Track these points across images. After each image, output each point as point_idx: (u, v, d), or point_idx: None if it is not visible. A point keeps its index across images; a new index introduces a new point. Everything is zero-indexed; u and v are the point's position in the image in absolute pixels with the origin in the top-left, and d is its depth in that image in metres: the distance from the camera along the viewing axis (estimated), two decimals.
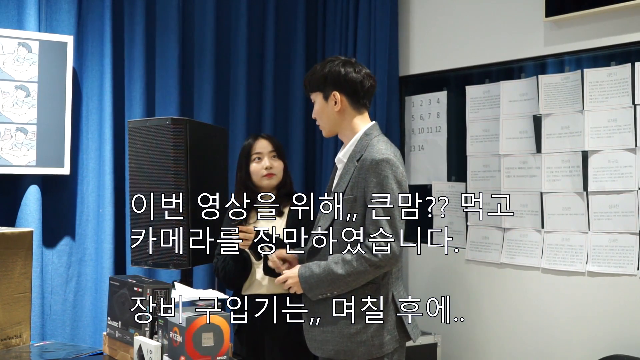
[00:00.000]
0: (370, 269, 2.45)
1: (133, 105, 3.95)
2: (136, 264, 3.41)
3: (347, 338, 2.51)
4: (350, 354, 2.52)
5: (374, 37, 4.17)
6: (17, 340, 2.73)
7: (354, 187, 2.53)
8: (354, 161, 2.57)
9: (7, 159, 3.55)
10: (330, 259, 2.51)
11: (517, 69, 3.64)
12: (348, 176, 2.56)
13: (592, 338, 3.25)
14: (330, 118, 2.64)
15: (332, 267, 2.48)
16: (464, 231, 3.83)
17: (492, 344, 3.69)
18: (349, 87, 2.60)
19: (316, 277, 2.51)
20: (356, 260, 2.45)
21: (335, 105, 2.61)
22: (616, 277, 3.17)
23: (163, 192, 3.27)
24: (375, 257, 2.43)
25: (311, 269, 2.54)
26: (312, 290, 2.53)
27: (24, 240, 2.79)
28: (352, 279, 2.47)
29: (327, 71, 2.61)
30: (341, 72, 2.60)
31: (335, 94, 2.60)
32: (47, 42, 3.65)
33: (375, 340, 2.51)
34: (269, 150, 3.10)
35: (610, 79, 3.21)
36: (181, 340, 2.22)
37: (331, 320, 2.54)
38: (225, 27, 4.30)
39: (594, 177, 3.24)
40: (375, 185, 2.47)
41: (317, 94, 2.65)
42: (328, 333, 2.54)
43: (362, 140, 2.60)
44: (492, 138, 3.69)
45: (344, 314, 2.52)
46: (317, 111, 2.67)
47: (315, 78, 2.64)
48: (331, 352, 2.55)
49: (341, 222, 2.54)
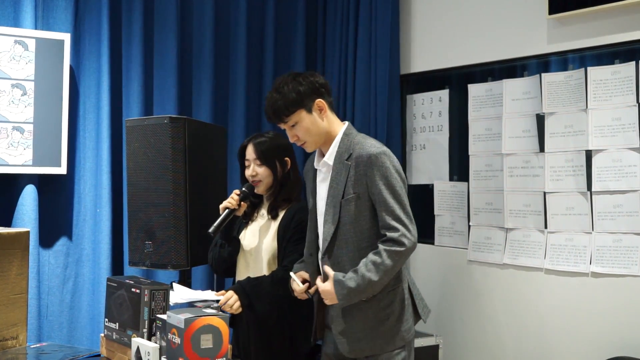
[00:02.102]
0: (401, 260, 2.57)
1: (131, 103, 3.93)
2: (134, 265, 3.40)
3: (379, 331, 2.63)
4: (384, 346, 2.64)
5: (375, 35, 4.15)
6: (13, 341, 2.71)
7: (355, 185, 2.60)
8: (343, 161, 2.64)
9: (3, 158, 3.52)
10: (362, 268, 2.56)
11: (520, 67, 3.61)
12: (342, 176, 2.63)
13: (596, 339, 3.22)
14: (319, 128, 2.69)
15: (368, 275, 2.55)
16: (466, 231, 3.80)
17: (494, 345, 3.66)
18: (325, 90, 2.70)
19: (355, 290, 2.55)
20: (387, 257, 2.53)
21: (322, 113, 2.68)
22: (620, 278, 3.14)
23: (161, 191, 3.26)
24: (403, 247, 2.54)
25: (347, 286, 2.57)
26: (350, 302, 2.61)
27: (20, 241, 2.76)
28: (387, 277, 2.57)
29: (300, 87, 2.64)
30: (312, 81, 2.66)
31: (319, 101, 2.66)
32: (44, 40, 3.63)
33: (403, 327, 2.65)
34: (254, 157, 3.06)
35: (614, 77, 3.18)
36: (179, 342, 2.20)
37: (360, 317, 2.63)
38: (224, 25, 4.29)
39: (597, 176, 3.22)
40: (380, 178, 2.56)
41: (298, 112, 2.65)
42: (359, 331, 2.64)
43: (344, 141, 2.68)
44: (495, 137, 3.67)
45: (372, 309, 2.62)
46: (304, 128, 2.67)
47: (290, 98, 2.63)
48: (365, 350, 2.64)
49: (349, 222, 2.62)
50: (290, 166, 3.10)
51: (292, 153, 3.13)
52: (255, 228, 3.10)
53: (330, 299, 2.62)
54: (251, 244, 3.08)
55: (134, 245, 3.38)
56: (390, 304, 2.64)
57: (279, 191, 3.08)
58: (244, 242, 3.10)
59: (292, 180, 3.10)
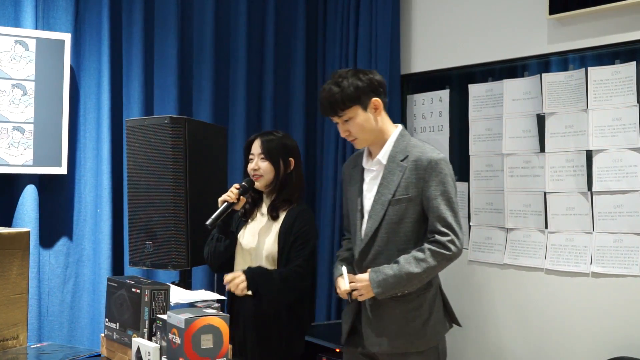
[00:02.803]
0: (444, 263, 2.59)
1: (131, 103, 3.92)
2: (134, 265, 3.39)
3: (405, 331, 2.64)
4: (408, 346, 2.65)
5: (375, 35, 4.15)
6: (13, 341, 2.70)
7: (409, 187, 2.62)
8: (397, 162, 2.66)
9: (3, 158, 3.52)
10: (402, 260, 2.60)
11: (521, 67, 3.61)
12: (396, 177, 2.65)
13: (597, 340, 3.22)
14: (373, 127, 2.70)
15: (407, 267, 2.57)
16: (467, 231, 3.80)
17: (495, 345, 3.66)
18: (382, 90, 2.71)
19: (391, 278, 2.58)
20: (431, 256, 2.56)
21: (377, 112, 2.69)
22: (621, 278, 3.14)
23: (161, 191, 3.26)
24: (449, 251, 2.57)
25: (384, 272, 2.61)
26: (384, 293, 2.61)
27: (20, 241, 2.76)
28: (426, 275, 2.59)
29: (359, 82, 2.64)
30: (372, 79, 2.68)
31: (376, 99, 2.67)
32: (44, 40, 3.62)
33: (431, 330, 2.66)
34: (259, 152, 3.07)
35: (614, 77, 3.18)
36: (180, 342, 2.20)
37: (388, 314, 2.65)
38: (224, 25, 4.28)
39: (598, 176, 3.22)
40: (438, 184, 2.59)
41: (354, 108, 2.66)
42: (385, 328, 2.65)
43: (400, 142, 2.71)
44: (495, 137, 3.66)
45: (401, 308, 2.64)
46: (358, 125, 2.67)
47: (347, 93, 2.63)
48: (388, 348, 2.65)
49: (394, 222, 2.64)
50: (294, 168, 3.10)
51: (297, 155, 3.14)
52: (255, 228, 3.10)
53: (365, 290, 2.63)
54: (250, 243, 3.07)
55: (134, 245, 3.38)
56: (419, 307, 2.65)
57: (279, 190, 3.07)
58: (243, 241, 3.09)
59: (294, 181, 3.10)
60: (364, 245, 2.70)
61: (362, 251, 2.70)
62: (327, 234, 4.32)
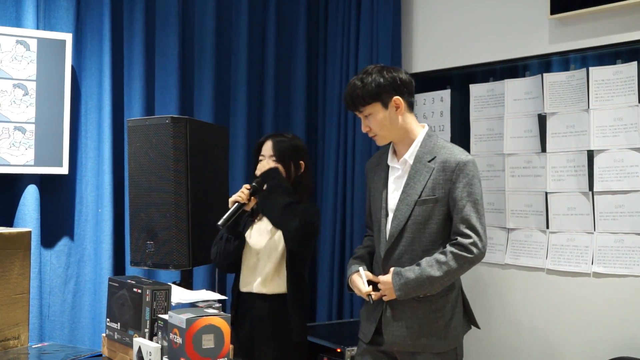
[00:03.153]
0: (466, 266, 2.58)
1: (132, 103, 3.92)
2: (136, 265, 3.39)
3: (426, 332, 2.63)
4: (428, 347, 2.64)
5: (377, 35, 4.15)
6: (15, 341, 2.70)
7: (436, 188, 2.62)
8: (424, 162, 2.65)
9: (5, 158, 3.52)
10: (423, 263, 2.59)
11: (522, 67, 3.61)
12: (422, 177, 2.64)
13: (598, 340, 3.22)
14: (392, 125, 2.69)
15: (428, 270, 2.57)
16: None
17: (496, 345, 3.66)
18: (406, 89, 2.70)
19: (413, 282, 2.58)
20: (452, 259, 2.55)
21: (397, 110, 2.68)
22: (622, 278, 3.14)
23: (163, 191, 3.25)
24: (471, 254, 2.55)
25: (405, 275, 2.61)
26: (406, 295, 2.61)
27: (22, 241, 2.76)
28: (448, 279, 2.58)
29: (381, 79, 2.65)
30: (395, 77, 2.67)
31: (397, 99, 2.67)
32: (46, 40, 3.62)
33: (452, 332, 2.66)
34: (270, 154, 3.08)
35: (616, 77, 3.18)
36: (181, 342, 2.20)
37: (409, 314, 2.65)
38: (225, 25, 4.28)
39: (599, 176, 3.21)
40: (465, 185, 2.59)
41: (375, 105, 2.67)
42: (406, 327, 2.65)
43: (427, 142, 2.70)
44: (496, 137, 3.66)
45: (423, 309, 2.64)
46: (377, 121, 2.68)
47: (368, 90, 2.65)
48: (409, 347, 2.65)
49: (420, 222, 2.63)
50: (304, 170, 3.12)
51: (307, 157, 3.16)
52: (263, 227, 3.11)
53: (388, 291, 2.64)
54: (258, 242, 3.08)
55: (135, 245, 3.38)
56: (442, 308, 2.64)
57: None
58: (250, 240, 3.10)
59: (303, 183, 3.12)
60: (389, 246, 2.69)
61: (387, 251, 2.69)
62: (328, 234, 4.32)
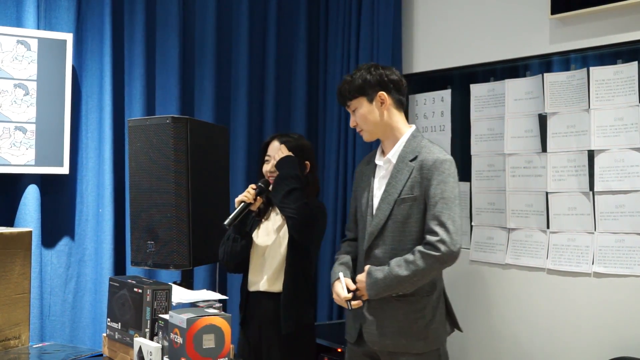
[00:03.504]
0: (436, 265, 2.56)
1: (133, 103, 3.93)
2: (136, 265, 3.40)
3: (406, 332, 2.63)
4: (409, 348, 2.64)
5: (377, 34, 4.15)
6: (15, 341, 2.70)
7: (414, 187, 2.63)
8: (406, 161, 2.68)
9: (5, 158, 3.52)
10: (392, 262, 2.60)
11: (522, 67, 3.61)
12: (403, 176, 2.67)
13: (599, 340, 3.22)
14: (377, 120, 2.73)
15: (396, 270, 2.57)
16: (469, 232, 3.80)
17: (496, 345, 3.66)
18: (393, 85, 2.73)
19: (381, 282, 2.59)
20: (420, 258, 2.54)
21: (382, 106, 2.72)
22: (623, 278, 3.13)
23: (163, 191, 3.26)
24: (438, 252, 2.54)
25: (375, 275, 2.62)
26: (377, 294, 2.62)
27: (22, 241, 2.77)
28: (417, 278, 2.57)
29: (368, 76, 2.71)
30: (382, 74, 2.72)
31: (382, 94, 2.71)
32: (46, 40, 3.63)
33: (432, 333, 2.65)
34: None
35: (616, 77, 3.17)
36: (182, 341, 2.20)
37: (390, 314, 2.65)
38: (226, 24, 4.28)
39: (600, 176, 3.21)
40: (438, 183, 2.59)
41: (360, 99, 2.73)
42: (386, 327, 2.65)
43: (411, 142, 2.73)
44: (497, 137, 3.66)
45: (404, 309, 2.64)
46: (361, 116, 2.73)
47: (356, 85, 2.72)
48: (389, 346, 2.66)
49: (399, 221, 2.65)
50: (310, 170, 3.13)
51: (313, 157, 3.17)
52: (270, 227, 3.12)
53: (363, 290, 2.66)
54: (265, 242, 3.09)
55: (136, 245, 3.38)
56: (422, 309, 2.65)
57: None
58: (257, 240, 3.11)
59: (309, 183, 3.13)
60: (369, 244, 2.71)
61: (368, 249, 2.71)
62: (329, 234, 4.31)
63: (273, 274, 3.04)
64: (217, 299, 2.84)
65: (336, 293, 2.72)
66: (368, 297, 2.65)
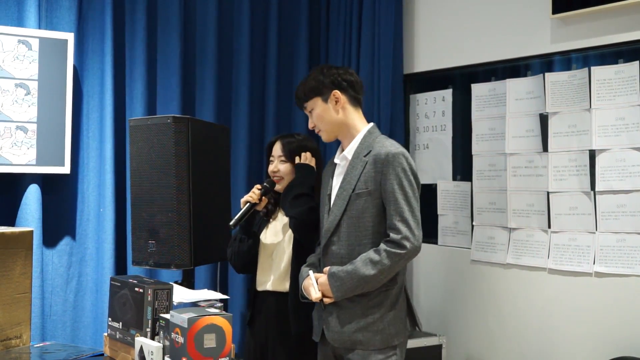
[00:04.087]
0: (401, 262, 2.58)
1: (134, 103, 3.92)
2: (137, 264, 3.40)
3: (364, 327, 2.62)
4: (366, 344, 2.62)
5: (378, 34, 4.14)
6: (17, 341, 2.71)
7: (368, 181, 2.62)
8: (361, 157, 2.67)
9: (6, 157, 3.52)
10: (358, 262, 2.59)
11: (524, 67, 3.61)
12: (357, 171, 2.66)
13: (600, 340, 3.21)
14: (333, 119, 2.75)
15: (362, 270, 2.57)
16: (470, 231, 3.80)
17: (497, 345, 3.66)
18: (347, 84, 2.75)
19: (348, 283, 2.60)
20: (386, 257, 2.55)
21: (337, 104, 2.74)
22: (624, 278, 3.13)
23: (164, 191, 3.26)
24: (404, 250, 2.54)
25: (340, 277, 2.61)
26: (345, 296, 2.63)
27: (24, 240, 2.77)
28: (383, 276, 2.58)
29: (321, 76, 2.75)
30: (336, 73, 2.75)
31: (336, 92, 2.73)
32: (48, 40, 3.63)
33: (391, 329, 2.63)
34: (279, 154, 3.11)
35: (617, 76, 3.17)
36: (183, 341, 2.20)
37: (348, 310, 2.64)
38: (227, 24, 4.28)
39: (601, 176, 3.21)
40: (394, 178, 2.58)
41: (315, 100, 2.76)
42: (345, 323, 2.64)
43: (367, 138, 2.73)
44: (498, 137, 3.66)
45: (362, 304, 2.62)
46: (317, 115, 2.76)
47: (310, 86, 2.76)
48: (347, 342, 2.64)
49: (354, 216, 2.64)
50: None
51: (319, 157, 3.17)
52: (277, 226, 3.13)
53: (327, 293, 2.65)
54: (272, 242, 3.11)
55: (137, 244, 3.38)
56: (379, 304, 2.63)
57: None
58: (265, 240, 3.12)
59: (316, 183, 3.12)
60: (326, 241, 2.71)
61: (325, 245, 2.71)
62: None
63: (281, 274, 3.05)
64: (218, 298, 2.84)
65: (308, 294, 2.71)
66: (335, 299, 2.64)
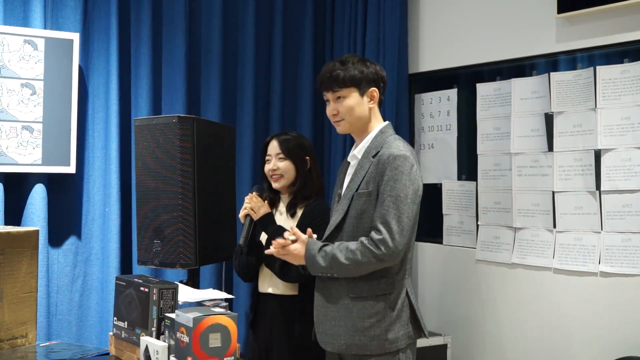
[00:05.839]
0: (373, 261, 2.50)
1: (139, 103, 3.93)
2: (143, 264, 3.40)
3: (360, 332, 2.56)
4: (362, 349, 2.56)
5: (383, 34, 4.14)
6: (22, 340, 2.71)
7: (369, 182, 2.58)
8: (369, 157, 2.63)
9: (12, 157, 3.53)
10: (337, 244, 2.57)
11: (529, 66, 3.60)
12: (363, 172, 2.62)
13: (605, 339, 3.21)
14: (362, 114, 2.68)
15: (336, 252, 2.54)
16: (475, 231, 3.79)
17: (502, 345, 3.65)
18: (383, 84, 2.72)
19: (321, 255, 2.56)
20: (360, 250, 2.50)
21: (370, 102, 2.69)
22: (629, 278, 3.13)
23: (170, 190, 3.26)
24: (379, 251, 2.48)
25: (319, 246, 2.59)
26: (313, 265, 2.59)
27: (29, 240, 2.77)
28: (352, 267, 2.52)
29: (364, 68, 2.66)
30: (377, 70, 2.69)
31: (375, 90, 2.69)
32: (53, 40, 3.63)
33: (388, 335, 2.55)
34: (277, 152, 3.10)
35: (623, 76, 3.17)
36: (188, 340, 2.20)
37: (343, 314, 2.58)
38: (232, 24, 4.28)
39: (606, 176, 3.20)
40: (388, 179, 2.53)
41: (351, 89, 2.66)
42: (340, 327, 2.58)
43: (378, 138, 2.68)
44: (503, 136, 3.65)
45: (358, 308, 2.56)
46: (348, 106, 2.66)
47: (351, 74, 2.64)
48: (342, 347, 2.59)
49: (354, 216, 2.60)
50: (311, 166, 3.14)
51: (313, 153, 3.17)
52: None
53: (294, 256, 2.62)
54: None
55: (142, 244, 3.38)
56: (376, 309, 2.55)
57: (299, 188, 3.11)
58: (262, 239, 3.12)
59: (313, 179, 3.14)
60: (325, 238, 2.68)
61: (325, 241, 2.67)
62: None
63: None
64: (223, 297, 2.84)
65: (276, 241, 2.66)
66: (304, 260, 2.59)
